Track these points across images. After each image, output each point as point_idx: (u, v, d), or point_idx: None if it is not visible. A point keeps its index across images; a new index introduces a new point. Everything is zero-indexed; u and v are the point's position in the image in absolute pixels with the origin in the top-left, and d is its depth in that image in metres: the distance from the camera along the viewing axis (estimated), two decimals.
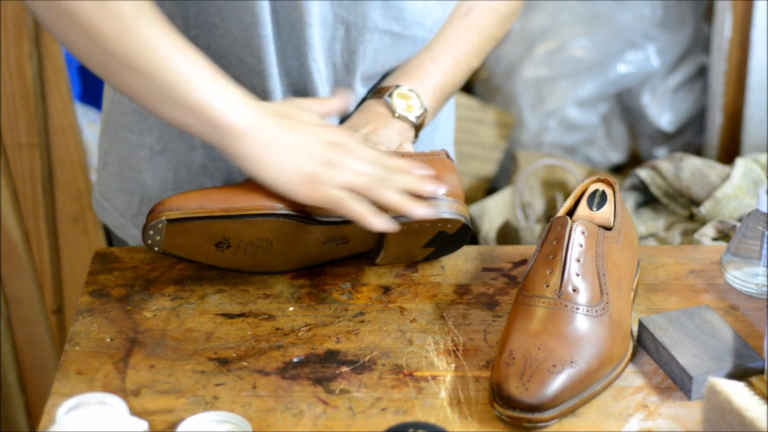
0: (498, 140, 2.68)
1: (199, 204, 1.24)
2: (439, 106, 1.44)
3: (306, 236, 1.28)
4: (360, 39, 1.36)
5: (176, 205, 1.24)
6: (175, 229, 1.24)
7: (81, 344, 1.24)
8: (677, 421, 1.13)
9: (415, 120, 1.39)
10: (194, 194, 1.25)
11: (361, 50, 1.36)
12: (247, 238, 1.27)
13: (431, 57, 1.43)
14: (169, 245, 1.25)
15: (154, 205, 1.25)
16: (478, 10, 1.46)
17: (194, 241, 1.26)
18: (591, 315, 1.17)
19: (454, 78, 1.45)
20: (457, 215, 1.30)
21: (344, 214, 1.24)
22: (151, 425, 1.12)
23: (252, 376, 1.19)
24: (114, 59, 1.20)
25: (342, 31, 1.35)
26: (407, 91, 1.39)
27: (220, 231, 1.25)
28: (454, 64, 1.44)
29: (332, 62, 1.36)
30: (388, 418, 1.14)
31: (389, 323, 1.27)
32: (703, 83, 2.67)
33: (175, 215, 1.23)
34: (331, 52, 1.36)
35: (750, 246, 1.30)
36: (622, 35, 2.65)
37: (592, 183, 1.30)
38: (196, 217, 1.23)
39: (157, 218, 1.23)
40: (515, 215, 2.35)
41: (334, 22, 1.33)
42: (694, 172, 1.81)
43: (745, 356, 1.18)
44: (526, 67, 2.71)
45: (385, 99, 1.39)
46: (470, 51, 1.45)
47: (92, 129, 2.41)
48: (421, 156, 1.32)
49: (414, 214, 1.25)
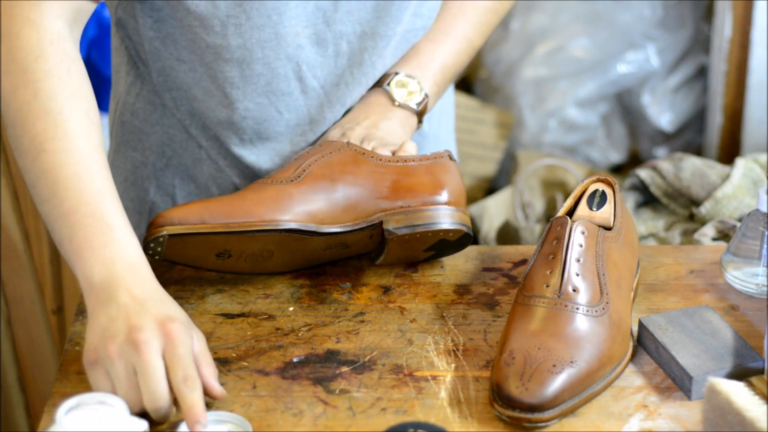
0: (498, 140, 2.68)
1: (201, 218, 1.23)
2: (441, 88, 1.43)
3: (308, 245, 1.28)
4: (364, 47, 1.35)
5: (177, 218, 1.23)
6: (176, 243, 1.24)
7: (81, 344, 1.24)
8: (677, 421, 1.13)
9: (416, 107, 1.38)
10: (195, 207, 1.24)
11: (367, 59, 1.36)
12: (249, 250, 1.27)
13: (430, 38, 1.41)
14: (170, 254, 1.25)
15: (154, 217, 1.24)
16: None
17: (195, 252, 1.26)
18: (591, 315, 1.17)
19: (456, 57, 1.43)
20: (458, 225, 1.30)
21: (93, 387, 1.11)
22: (151, 425, 1.12)
23: (252, 376, 1.19)
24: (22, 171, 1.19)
25: (344, 45, 1.34)
26: (406, 78, 1.38)
27: (221, 244, 1.25)
28: (454, 44, 1.42)
29: (343, 81, 1.36)
30: (388, 418, 1.14)
31: (389, 323, 1.27)
32: (703, 83, 2.67)
33: (176, 230, 1.23)
34: (338, 68, 1.35)
35: (750, 246, 1.30)
36: (622, 35, 2.65)
37: (592, 183, 1.30)
38: (197, 233, 1.23)
39: (158, 233, 1.22)
40: (515, 215, 2.35)
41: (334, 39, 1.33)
42: (694, 172, 1.81)
43: (745, 356, 1.18)
44: (526, 67, 2.71)
45: (384, 88, 1.38)
46: (470, 28, 1.43)
47: None
48: (424, 159, 1.31)
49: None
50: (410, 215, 1.29)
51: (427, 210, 1.29)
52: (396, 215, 1.28)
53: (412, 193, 1.29)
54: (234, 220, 1.23)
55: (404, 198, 1.29)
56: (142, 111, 1.42)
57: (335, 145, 1.32)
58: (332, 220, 1.26)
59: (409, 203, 1.29)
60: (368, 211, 1.28)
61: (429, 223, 1.29)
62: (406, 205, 1.29)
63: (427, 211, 1.29)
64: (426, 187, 1.30)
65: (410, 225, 1.28)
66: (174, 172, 1.42)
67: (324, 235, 1.26)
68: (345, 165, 1.29)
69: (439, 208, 1.29)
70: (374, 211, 1.28)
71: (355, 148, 1.30)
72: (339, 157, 1.30)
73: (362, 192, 1.28)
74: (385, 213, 1.28)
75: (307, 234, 1.25)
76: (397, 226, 1.28)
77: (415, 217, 1.29)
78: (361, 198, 1.28)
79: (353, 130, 1.34)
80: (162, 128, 1.41)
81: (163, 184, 1.42)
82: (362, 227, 1.28)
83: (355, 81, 1.38)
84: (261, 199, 1.25)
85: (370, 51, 1.37)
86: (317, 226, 1.25)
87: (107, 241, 1.14)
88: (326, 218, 1.26)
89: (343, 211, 1.27)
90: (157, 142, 1.41)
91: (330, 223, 1.26)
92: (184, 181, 1.42)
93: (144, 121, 1.42)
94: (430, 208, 1.29)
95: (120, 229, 1.15)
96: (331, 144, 1.32)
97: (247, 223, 1.23)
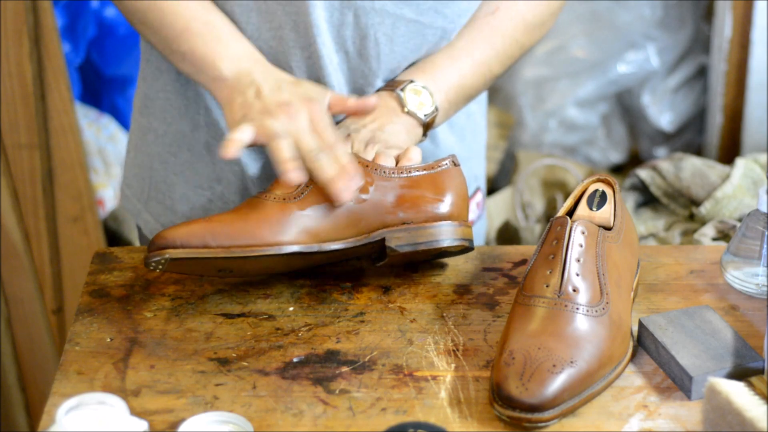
0: (498, 140, 2.68)
1: (203, 241, 1.23)
2: (453, 107, 1.40)
3: (309, 261, 1.28)
4: (369, 23, 1.33)
5: (180, 240, 1.23)
6: (178, 264, 1.24)
7: (81, 344, 1.24)
8: (677, 421, 1.13)
9: (423, 118, 1.36)
10: (197, 228, 1.24)
11: (372, 35, 1.34)
12: (251, 271, 1.28)
13: (449, 55, 1.39)
14: (172, 270, 1.26)
15: (155, 237, 1.23)
16: (505, 12, 1.41)
17: (197, 269, 1.27)
18: (591, 315, 1.17)
19: (473, 80, 1.40)
20: (460, 241, 1.30)
21: (268, 149, 1.25)
22: (151, 425, 1.12)
23: (252, 376, 1.19)
24: (129, 13, 1.35)
25: (350, 16, 1.33)
26: (420, 88, 1.36)
27: (223, 265, 1.25)
28: (473, 67, 1.40)
29: (343, 49, 1.35)
30: (388, 418, 1.14)
31: (389, 323, 1.27)
32: (703, 83, 2.67)
33: (178, 254, 1.22)
34: (340, 38, 1.34)
35: (750, 246, 1.30)
36: (622, 35, 2.65)
37: (592, 183, 1.30)
38: (199, 258, 1.23)
39: (161, 254, 1.22)
40: (515, 215, 2.35)
41: (341, 7, 1.32)
42: (694, 172, 1.81)
43: (745, 356, 1.18)
44: (526, 67, 2.71)
45: (397, 92, 1.36)
46: (492, 55, 1.41)
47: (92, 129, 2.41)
48: (427, 168, 1.31)
49: (339, 198, 1.24)
50: (413, 233, 1.28)
51: (429, 227, 1.28)
52: (398, 233, 1.28)
53: (416, 207, 1.29)
54: (236, 243, 1.23)
55: (407, 212, 1.28)
56: (150, 77, 1.45)
57: None
58: (335, 236, 1.26)
59: (412, 219, 1.28)
60: (371, 226, 1.28)
61: (431, 241, 1.28)
62: (408, 220, 1.28)
63: (429, 228, 1.28)
64: (429, 200, 1.29)
65: (413, 243, 1.28)
66: (171, 139, 1.42)
67: (326, 252, 1.26)
68: None
69: (441, 225, 1.29)
70: (377, 225, 1.28)
71: (358, 159, 1.29)
72: None
73: (365, 207, 1.27)
74: (388, 229, 1.28)
75: (309, 255, 1.25)
76: (400, 244, 1.28)
77: (418, 234, 1.28)
78: (364, 213, 1.27)
79: (358, 132, 1.34)
80: (165, 94, 1.43)
81: (161, 151, 1.44)
82: (364, 243, 1.27)
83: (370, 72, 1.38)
84: (263, 220, 1.24)
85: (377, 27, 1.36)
86: (320, 245, 1.25)
87: (229, 41, 1.32)
88: (329, 235, 1.26)
89: (346, 227, 1.27)
90: (160, 108, 1.42)
91: (333, 239, 1.26)
92: (180, 148, 1.42)
93: (150, 87, 1.44)
94: (433, 225, 1.28)
95: (236, 34, 1.33)
96: None
97: (249, 247, 1.23)
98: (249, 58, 1.32)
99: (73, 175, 2.06)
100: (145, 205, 1.48)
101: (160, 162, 1.45)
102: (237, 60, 1.31)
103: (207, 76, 1.32)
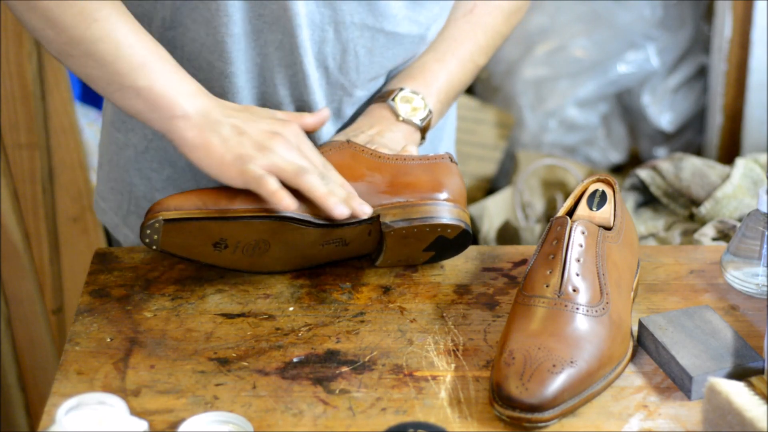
0: (498, 140, 2.68)
1: (196, 204, 1.24)
2: (445, 107, 1.43)
3: (304, 238, 1.28)
4: (350, 37, 1.35)
5: (174, 204, 1.24)
6: (173, 229, 1.24)
7: (81, 344, 1.24)
8: (677, 421, 1.13)
9: (420, 123, 1.38)
10: (192, 194, 1.26)
11: (352, 49, 1.35)
12: (245, 240, 1.27)
13: (436, 58, 1.41)
14: (167, 243, 1.25)
15: (152, 205, 1.25)
16: (483, 8, 1.44)
17: (192, 240, 1.26)
18: (591, 315, 1.17)
19: (461, 77, 1.43)
20: (457, 221, 1.30)
21: (260, 194, 1.23)
22: (151, 425, 1.12)
23: (252, 376, 1.19)
24: (71, 44, 1.24)
25: (331, 32, 1.34)
26: (411, 94, 1.38)
27: (217, 232, 1.25)
28: (460, 64, 1.42)
29: (323, 65, 1.36)
30: (388, 418, 1.14)
31: (389, 323, 1.27)
32: (703, 83, 2.67)
33: (172, 215, 1.23)
34: (321, 55, 1.35)
35: (750, 246, 1.30)
36: (622, 35, 2.65)
37: (592, 183, 1.30)
38: (192, 218, 1.24)
39: (155, 218, 1.23)
40: (515, 215, 2.35)
41: (321, 23, 1.33)
42: (694, 172, 1.81)
43: (745, 356, 1.18)
44: (526, 67, 2.70)
45: (388, 103, 1.38)
46: (476, 49, 1.44)
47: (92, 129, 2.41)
48: (424, 159, 1.32)
49: (333, 213, 1.24)
50: (408, 209, 1.29)
51: (425, 204, 1.29)
52: (393, 209, 1.29)
53: (411, 189, 1.29)
54: (230, 207, 1.24)
55: (403, 194, 1.29)
56: None
57: (334, 144, 1.32)
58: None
59: (408, 199, 1.29)
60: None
61: (426, 217, 1.29)
62: (404, 201, 1.29)
63: (425, 205, 1.29)
64: (425, 185, 1.30)
65: (407, 218, 1.28)
66: (153, 156, 1.42)
67: (320, 226, 1.26)
68: (344, 161, 1.30)
69: (438, 203, 1.29)
70: (372, 206, 1.28)
71: (354, 145, 1.31)
72: (338, 154, 1.31)
73: (360, 187, 1.28)
74: (382, 207, 1.29)
75: (302, 224, 1.25)
76: (394, 220, 1.28)
77: (413, 210, 1.29)
78: (359, 193, 1.28)
79: (357, 137, 1.35)
80: None
81: (143, 167, 1.43)
82: (359, 220, 1.28)
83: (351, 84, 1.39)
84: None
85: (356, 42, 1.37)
86: (313, 216, 1.26)
87: (184, 77, 1.27)
88: (324, 211, 1.26)
89: None
90: (140, 124, 1.41)
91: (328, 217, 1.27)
92: (162, 165, 1.42)
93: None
94: (429, 202, 1.29)
95: (183, 70, 1.28)
96: (331, 142, 1.33)
97: (242, 210, 1.24)
98: (203, 93, 1.27)
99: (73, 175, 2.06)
100: (123, 219, 1.48)
101: (141, 178, 1.44)
102: (194, 96, 1.26)
103: (164, 114, 1.25)
